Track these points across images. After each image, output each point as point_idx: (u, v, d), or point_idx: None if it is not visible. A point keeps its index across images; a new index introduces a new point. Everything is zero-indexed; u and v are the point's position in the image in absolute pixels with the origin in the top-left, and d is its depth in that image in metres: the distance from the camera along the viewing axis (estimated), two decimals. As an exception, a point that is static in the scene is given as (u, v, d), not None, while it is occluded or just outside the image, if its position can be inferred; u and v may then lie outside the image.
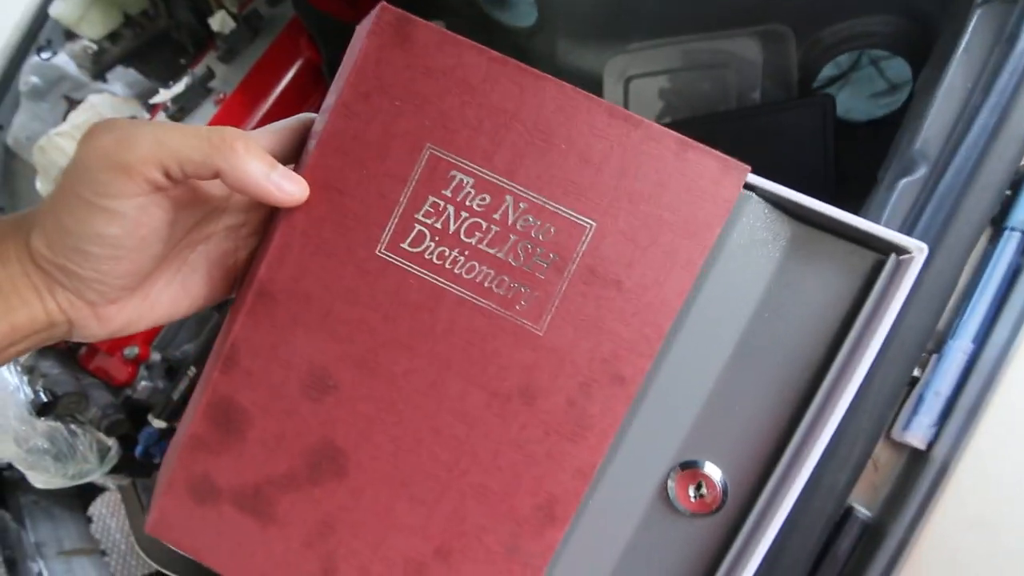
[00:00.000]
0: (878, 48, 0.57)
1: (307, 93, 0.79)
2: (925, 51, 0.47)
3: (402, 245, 0.25)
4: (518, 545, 0.25)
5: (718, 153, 0.24)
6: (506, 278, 0.24)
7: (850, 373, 0.24)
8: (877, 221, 0.30)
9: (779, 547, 0.25)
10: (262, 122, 0.74)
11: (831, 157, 0.47)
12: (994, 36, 0.30)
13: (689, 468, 0.27)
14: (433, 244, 0.25)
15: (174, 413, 0.69)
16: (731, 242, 0.26)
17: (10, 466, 0.92)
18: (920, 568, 0.23)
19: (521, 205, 0.24)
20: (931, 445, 0.25)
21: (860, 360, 0.24)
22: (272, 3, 0.76)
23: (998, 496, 0.23)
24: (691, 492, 0.26)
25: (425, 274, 0.25)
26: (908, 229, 0.28)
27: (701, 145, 0.24)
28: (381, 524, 0.26)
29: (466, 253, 0.24)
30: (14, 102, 0.97)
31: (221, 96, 0.73)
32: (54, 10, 0.92)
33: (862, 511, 0.26)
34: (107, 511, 1.39)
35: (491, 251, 0.24)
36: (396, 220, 0.25)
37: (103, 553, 0.90)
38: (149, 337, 0.73)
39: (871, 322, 0.24)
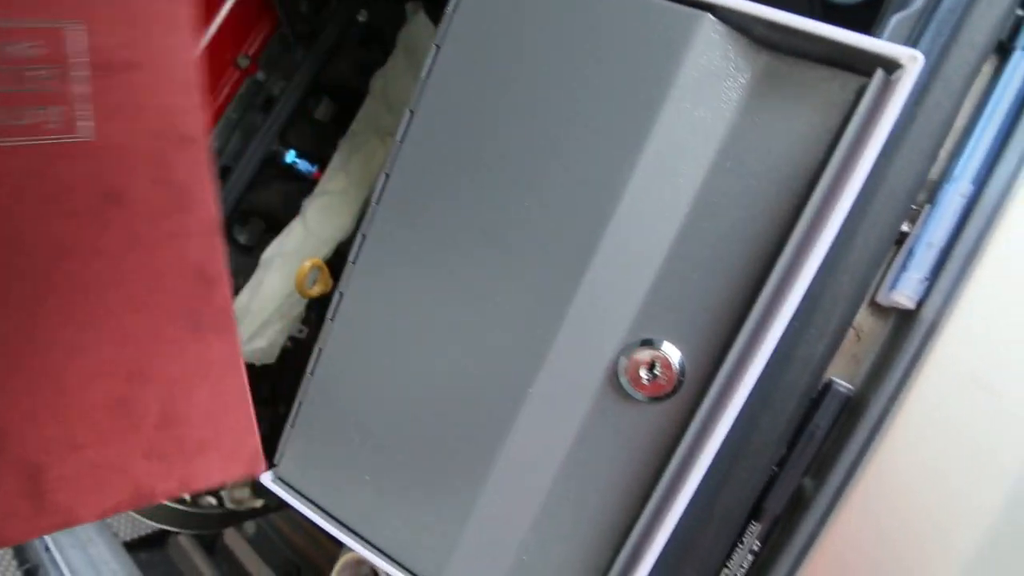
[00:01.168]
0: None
1: (253, 16, 0.73)
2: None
3: None
4: (198, 320, 0.26)
5: None
6: (18, 109, 0.23)
7: (824, 223, 0.20)
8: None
9: (750, 427, 0.22)
10: (209, 48, 0.69)
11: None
12: None
13: (642, 347, 0.23)
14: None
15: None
16: (682, 76, 0.22)
17: None
18: (906, 436, 0.20)
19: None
20: (921, 304, 0.22)
21: (836, 206, 0.20)
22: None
23: (995, 351, 0.19)
24: (644, 374, 0.23)
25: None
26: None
27: None
28: (55, 391, 0.24)
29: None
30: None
31: (157, 22, 0.67)
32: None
33: (843, 385, 0.23)
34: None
35: None
36: None
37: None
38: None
39: (852, 158, 0.20)
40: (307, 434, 0.29)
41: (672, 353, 0.23)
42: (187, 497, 0.74)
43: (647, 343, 0.23)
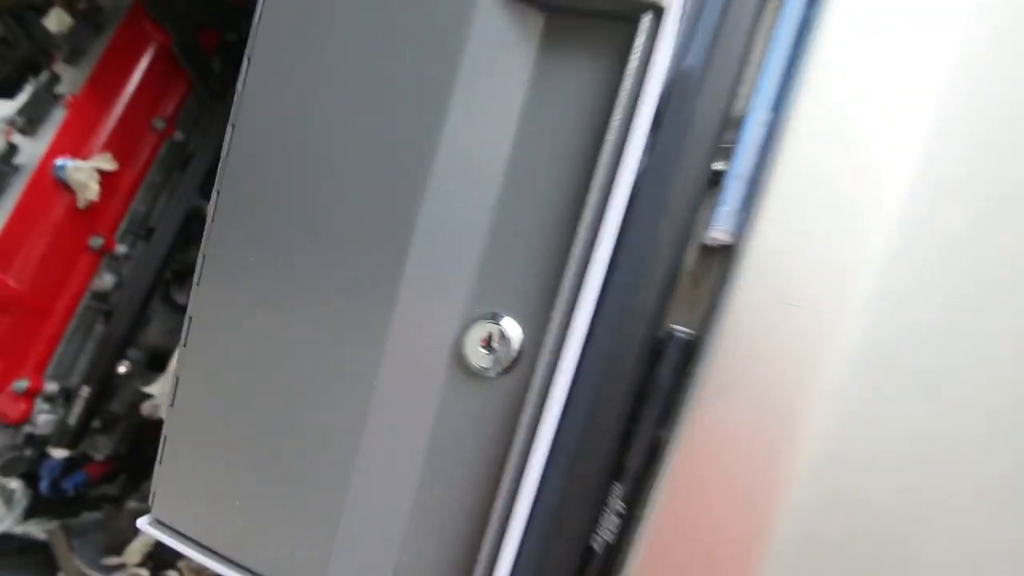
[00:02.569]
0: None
1: (166, 80, 0.74)
2: None
3: None
4: None
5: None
6: None
7: (622, 168, 0.20)
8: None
9: (597, 387, 0.22)
10: (121, 118, 0.70)
11: None
12: None
13: (481, 322, 0.23)
14: None
15: (74, 439, 0.64)
16: (470, 47, 0.22)
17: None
18: (729, 369, 0.19)
19: None
20: (740, 236, 0.22)
21: (630, 149, 0.20)
22: (111, -8, 0.71)
23: (791, 267, 0.19)
24: (486, 349, 0.23)
25: None
26: (700, 13, 0.24)
27: None
28: None
29: None
30: None
31: (68, 98, 0.68)
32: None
33: (683, 331, 0.22)
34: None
35: None
36: None
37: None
38: (40, 366, 0.68)
39: (636, 99, 0.20)
40: (175, 469, 0.27)
41: (510, 325, 0.23)
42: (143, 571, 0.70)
43: (486, 318, 0.23)
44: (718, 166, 0.23)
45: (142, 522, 0.28)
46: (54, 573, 0.94)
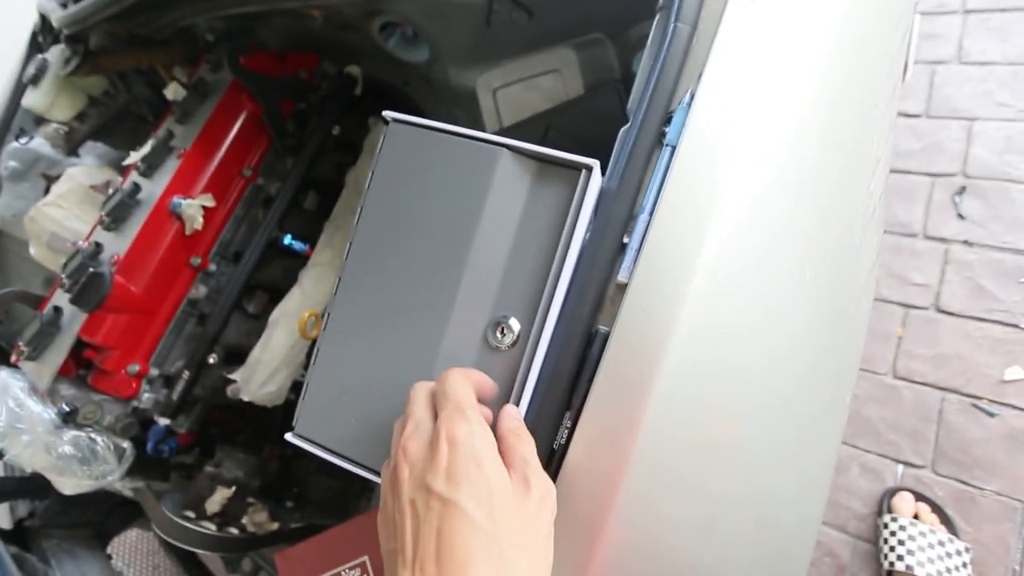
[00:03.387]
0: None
1: (253, 138, 0.95)
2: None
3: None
4: None
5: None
6: None
7: (567, 250, 0.41)
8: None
9: (555, 362, 0.41)
10: (218, 167, 0.90)
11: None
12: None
13: (498, 320, 0.43)
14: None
15: (176, 411, 0.83)
16: (494, 188, 0.42)
17: (31, 515, 1.04)
18: (618, 349, 0.39)
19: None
20: (630, 280, 0.41)
21: (573, 239, 0.40)
22: (214, 70, 0.93)
23: (650, 287, 0.39)
24: (500, 334, 0.42)
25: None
26: (619, 153, 0.45)
27: None
28: None
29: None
30: (-4, 186, 1.11)
31: (182, 151, 0.89)
32: (26, 101, 1.08)
33: (604, 329, 0.42)
34: (125, 548, 1.50)
35: None
36: None
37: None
38: (147, 355, 0.87)
39: (576, 216, 0.41)
40: (312, 403, 0.47)
41: (514, 322, 0.42)
42: (212, 524, 0.88)
43: (502, 318, 0.43)
44: (626, 240, 0.43)
45: (289, 436, 0.47)
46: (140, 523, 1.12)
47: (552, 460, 0.41)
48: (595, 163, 0.40)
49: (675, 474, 0.39)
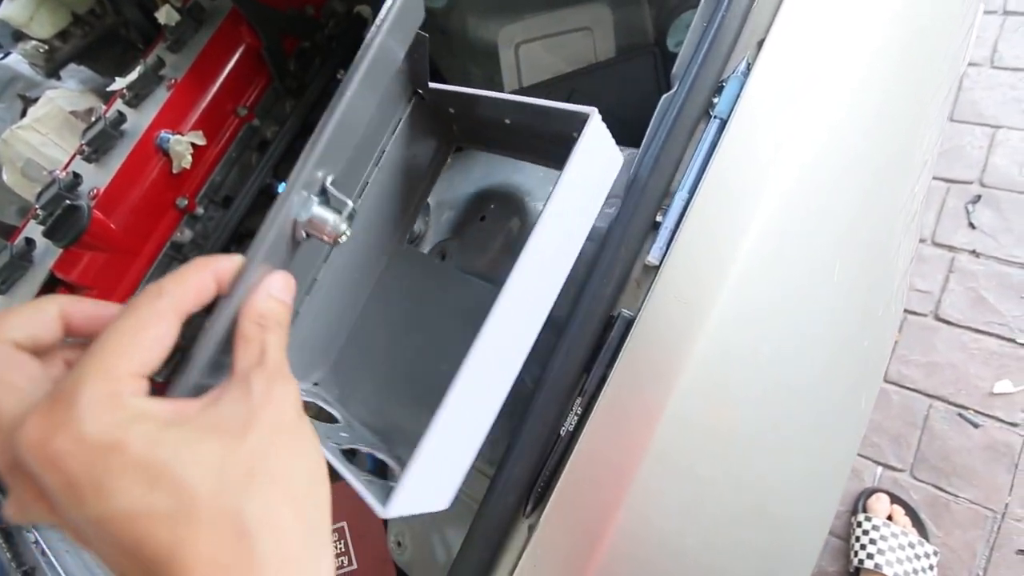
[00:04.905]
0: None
1: (251, 74, 0.88)
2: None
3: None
4: None
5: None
6: None
7: (586, 210, 0.37)
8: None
9: (567, 346, 0.38)
10: (211, 102, 0.84)
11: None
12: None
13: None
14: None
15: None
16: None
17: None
18: (643, 336, 0.36)
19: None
20: (662, 262, 0.38)
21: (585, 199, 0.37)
22: (212, -4, 0.86)
23: (688, 277, 0.36)
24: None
25: None
26: (659, 123, 0.41)
27: None
28: None
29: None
30: (-33, 105, 1.03)
31: (172, 81, 0.82)
32: (2, 11, 0.99)
33: (628, 313, 0.39)
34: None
35: None
36: None
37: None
38: (125, 297, 0.82)
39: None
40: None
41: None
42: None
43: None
44: (659, 219, 0.39)
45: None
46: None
47: (557, 446, 0.38)
48: (593, 110, 0.35)
49: (690, 466, 0.37)
